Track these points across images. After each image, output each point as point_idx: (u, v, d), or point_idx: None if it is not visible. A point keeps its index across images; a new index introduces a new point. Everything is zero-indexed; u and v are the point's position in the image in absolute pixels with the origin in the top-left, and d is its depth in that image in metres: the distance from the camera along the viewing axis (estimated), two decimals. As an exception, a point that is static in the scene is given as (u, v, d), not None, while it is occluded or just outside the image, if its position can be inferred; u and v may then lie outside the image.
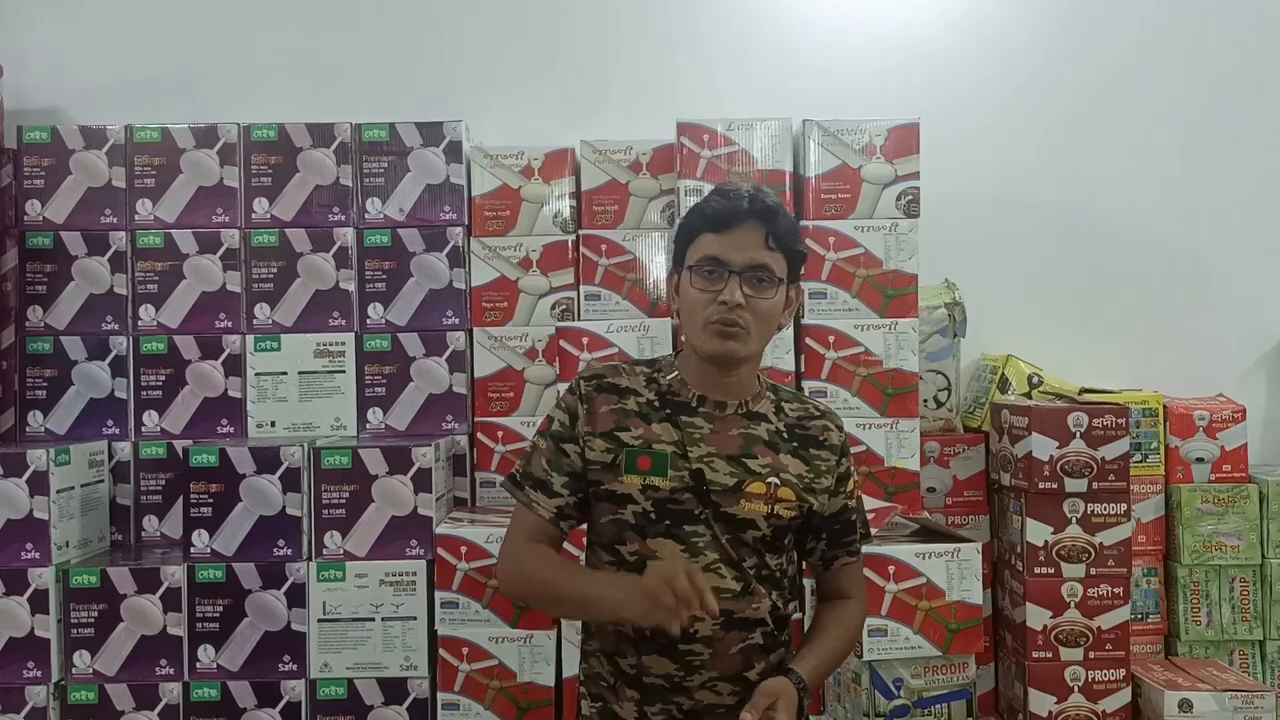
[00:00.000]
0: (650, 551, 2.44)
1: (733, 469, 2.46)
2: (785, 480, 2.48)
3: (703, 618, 2.31)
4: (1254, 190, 4.34)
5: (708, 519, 2.44)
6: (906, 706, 3.22)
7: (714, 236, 2.44)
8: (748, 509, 2.45)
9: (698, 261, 2.45)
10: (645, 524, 2.45)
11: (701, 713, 2.47)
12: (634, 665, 2.47)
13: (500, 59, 4.27)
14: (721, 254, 2.43)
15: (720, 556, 2.44)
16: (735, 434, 2.49)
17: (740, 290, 2.41)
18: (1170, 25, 4.34)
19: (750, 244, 2.43)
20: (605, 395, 2.52)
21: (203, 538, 3.48)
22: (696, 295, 2.44)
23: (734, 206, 2.44)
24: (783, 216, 2.48)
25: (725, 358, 2.46)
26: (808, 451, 2.53)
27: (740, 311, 2.41)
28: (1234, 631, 3.89)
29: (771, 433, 2.52)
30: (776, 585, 2.51)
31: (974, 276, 4.11)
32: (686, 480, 2.44)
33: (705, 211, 2.48)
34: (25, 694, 3.43)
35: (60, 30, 4.24)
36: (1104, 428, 3.56)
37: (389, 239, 3.82)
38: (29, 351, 3.81)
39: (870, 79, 4.26)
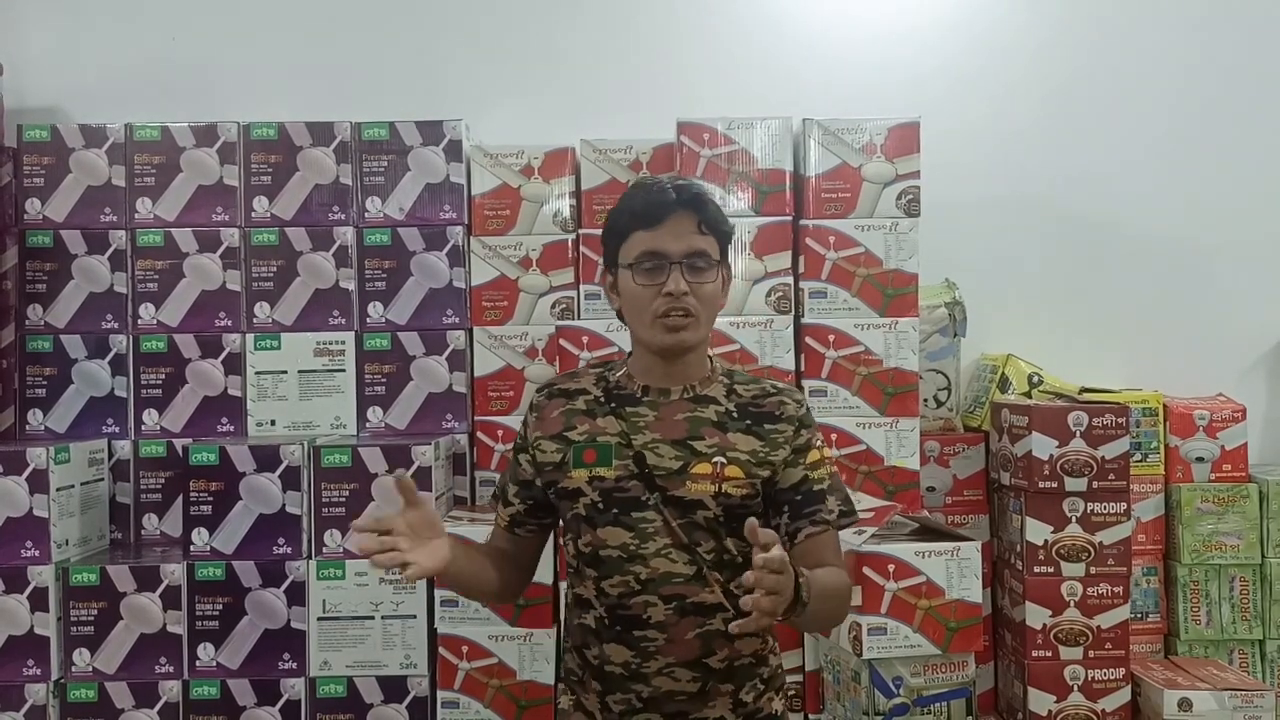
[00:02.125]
0: (601, 541, 2.47)
1: (678, 452, 2.46)
2: (732, 458, 2.46)
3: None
4: (1254, 190, 4.34)
5: (656, 504, 2.45)
6: (906, 705, 3.21)
7: (647, 232, 2.45)
8: (694, 490, 2.44)
9: (637, 258, 2.46)
10: (595, 515, 2.48)
11: (660, 700, 2.46)
12: (597, 656, 2.49)
13: (500, 58, 4.27)
14: (659, 247, 2.44)
15: (672, 541, 2.44)
16: (681, 418, 2.50)
17: (683, 278, 2.43)
18: (1171, 25, 4.34)
19: (684, 232, 2.45)
20: (555, 400, 2.58)
21: (202, 536, 3.48)
22: (640, 291, 2.46)
23: (662, 199, 2.46)
24: (709, 201, 2.51)
25: (678, 348, 2.48)
26: (761, 427, 2.51)
27: (687, 299, 2.44)
28: (1234, 631, 3.89)
29: (720, 413, 2.51)
30: (738, 570, 2.41)
31: (974, 276, 4.11)
32: (630, 467, 2.46)
33: (634, 209, 2.49)
34: (25, 692, 3.44)
35: (60, 29, 4.25)
36: (1104, 427, 3.56)
37: (389, 238, 3.82)
38: (29, 350, 3.81)
39: (871, 78, 4.26)
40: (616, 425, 2.50)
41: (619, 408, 2.52)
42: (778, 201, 3.75)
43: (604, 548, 2.46)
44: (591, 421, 2.52)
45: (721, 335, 3.65)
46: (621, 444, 2.48)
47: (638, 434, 2.48)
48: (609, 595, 2.46)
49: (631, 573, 2.44)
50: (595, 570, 2.47)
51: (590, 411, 2.54)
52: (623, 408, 2.52)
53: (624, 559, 2.44)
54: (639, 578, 2.44)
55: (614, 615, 2.46)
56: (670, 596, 2.43)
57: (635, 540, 2.44)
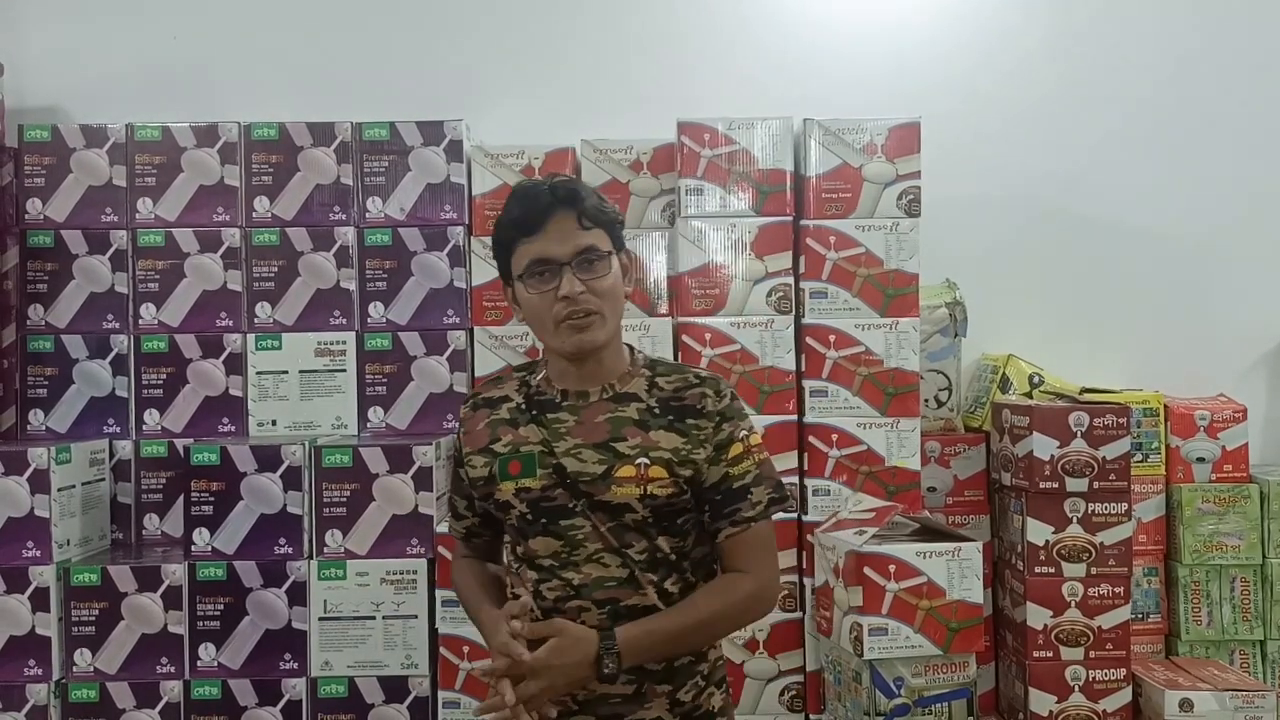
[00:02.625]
0: (534, 551, 2.48)
1: (601, 456, 2.45)
2: (656, 458, 2.44)
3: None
4: (1255, 190, 4.34)
5: (583, 510, 2.44)
6: (907, 705, 3.21)
7: (530, 241, 2.44)
8: (620, 494, 2.43)
9: (526, 268, 2.45)
10: (525, 526, 2.49)
11: (595, 702, 2.46)
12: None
13: (501, 58, 4.27)
14: (545, 252, 2.43)
15: (603, 546, 2.44)
16: (602, 420, 2.48)
17: (576, 279, 2.42)
18: (1172, 24, 4.34)
19: (568, 232, 2.43)
20: (480, 412, 2.59)
21: (203, 536, 3.49)
22: (537, 300, 2.45)
23: (539, 204, 2.44)
24: (587, 194, 2.49)
25: (588, 348, 2.46)
26: (684, 423, 2.48)
27: (585, 298, 2.42)
28: (1235, 631, 3.89)
29: (642, 411, 2.49)
30: (674, 568, 2.49)
31: (975, 276, 4.10)
32: (554, 476, 2.45)
33: (512, 219, 2.47)
34: (26, 692, 3.44)
35: (61, 29, 4.24)
36: (1105, 427, 3.56)
37: (389, 238, 3.81)
38: (30, 350, 3.81)
39: (872, 78, 4.26)
40: (539, 433, 2.49)
41: (540, 415, 2.51)
42: (778, 201, 3.75)
43: (537, 557, 2.48)
44: (514, 431, 2.51)
45: (722, 335, 3.66)
46: (544, 453, 2.47)
47: (559, 441, 2.48)
48: (546, 599, 2.47)
49: (564, 579, 2.45)
50: (534, 574, 2.49)
51: (513, 421, 2.53)
52: (544, 414, 2.51)
53: (557, 566, 2.46)
54: (572, 584, 2.45)
55: (549, 619, 2.45)
56: (604, 601, 2.44)
57: (566, 548, 2.45)
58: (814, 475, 3.66)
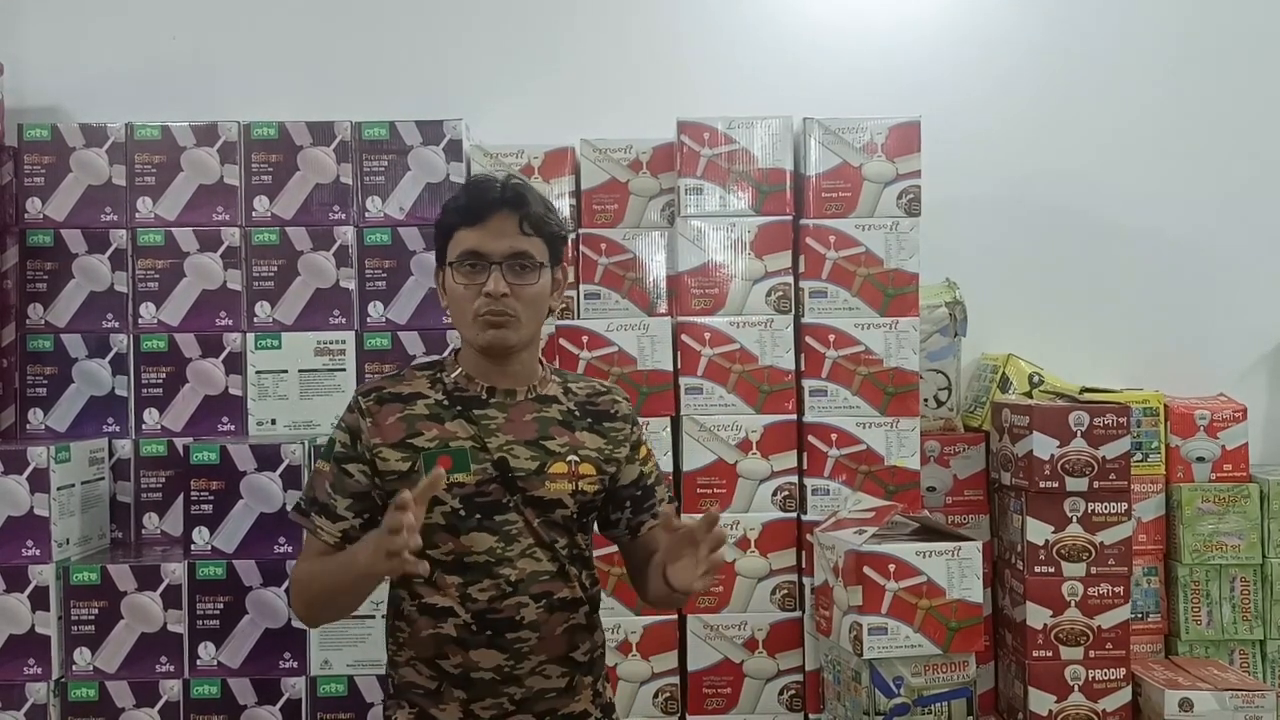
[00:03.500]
0: (466, 547, 2.45)
1: (533, 453, 2.49)
2: (584, 456, 2.53)
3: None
4: (1255, 189, 4.34)
5: (517, 505, 2.46)
6: (907, 705, 3.21)
7: (469, 230, 2.45)
8: (554, 489, 2.49)
9: (458, 257, 2.46)
10: (457, 521, 2.46)
11: (533, 699, 2.48)
12: (459, 664, 2.47)
13: (500, 57, 4.27)
14: (479, 246, 2.44)
15: (534, 540, 2.47)
16: (530, 419, 2.52)
17: (504, 280, 2.43)
18: (1170, 23, 4.34)
19: (506, 232, 2.44)
20: (389, 406, 2.53)
21: (203, 535, 3.48)
22: (461, 291, 2.46)
23: (485, 197, 2.47)
24: (534, 201, 2.49)
25: (498, 347, 2.48)
26: (602, 425, 2.59)
27: (507, 300, 2.43)
28: (1234, 631, 3.89)
29: (564, 412, 2.56)
30: (586, 565, 2.58)
31: (975, 275, 4.10)
32: (490, 471, 2.46)
33: (458, 205, 2.49)
34: (26, 691, 3.43)
35: (60, 28, 4.24)
36: (1105, 427, 3.56)
37: (389, 237, 3.81)
38: (29, 349, 3.80)
39: (872, 77, 4.26)
40: (468, 429, 2.48)
41: (466, 410, 2.50)
42: (778, 201, 3.75)
43: (469, 554, 2.45)
44: (440, 426, 2.49)
45: (721, 335, 3.66)
46: (477, 448, 2.47)
47: (491, 437, 2.48)
48: (476, 601, 2.44)
49: (501, 575, 2.45)
50: (460, 576, 2.45)
51: (435, 416, 2.50)
52: (470, 410, 2.50)
53: (491, 563, 2.44)
54: (509, 580, 2.45)
55: (483, 620, 2.44)
56: (540, 595, 2.46)
57: (500, 543, 2.45)
58: (813, 475, 3.66)
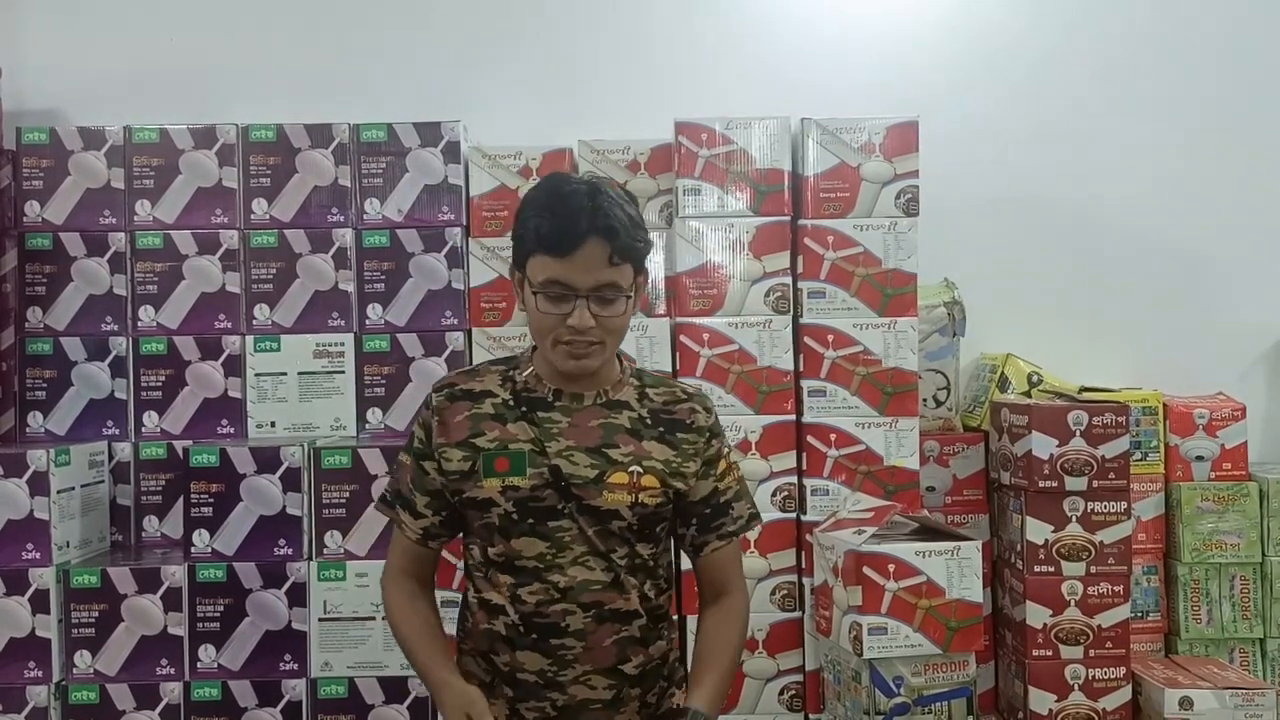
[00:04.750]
0: (516, 551, 2.44)
1: (593, 460, 2.45)
2: (648, 467, 2.47)
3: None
4: (1253, 187, 4.34)
5: (571, 513, 2.43)
6: (907, 704, 3.21)
7: (555, 260, 2.35)
8: (611, 500, 2.44)
9: (542, 284, 2.37)
10: (509, 525, 2.45)
11: (576, 709, 2.47)
12: (508, 662, 2.48)
13: (497, 59, 4.27)
14: (565, 278, 2.35)
15: (588, 549, 2.44)
16: (595, 424, 2.48)
17: (588, 314, 2.37)
18: (1169, 22, 4.34)
19: (594, 264, 2.35)
20: (459, 403, 2.51)
21: (203, 537, 3.49)
22: (543, 318, 2.40)
23: (574, 228, 2.33)
24: (623, 228, 2.36)
25: (579, 374, 2.46)
26: (674, 436, 2.52)
27: (593, 331, 2.39)
28: (1234, 629, 3.89)
29: (634, 420, 2.50)
30: (650, 574, 2.51)
31: (973, 275, 4.11)
32: (546, 477, 2.43)
33: (543, 233, 2.35)
34: (26, 694, 3.44)
35: (58, 31, 4.24)
36: (1104, 426, 3.56)
37: (387, 240, 3.81)
38: (29, 352, 3.80)
39: (869, 77, 4.26)
40: (529, 431, 2.46)
41: (530, 412, 2.48)
42: (776, 201, 3.75)
43: (519, 557, 2.44)
44: (501, 427, 2.47)
45: (720, 335, 3.66)
46: (535, 452, 2.44)
47: (551, 441, 2.45)
48: (525, 603, 2.44)
49: (549, 581, 2.43)
50: (510, 577, 2.45)
51: (499, 416, 2.48)
52: (534, 412, 2.48)
53: (541, 568, 2.43)
54: (557, 586, 2.43)
55: (529, 623, 2.44)
56: (589, 604, 2.43)
57: (552, 549, 2.43)
58: (813, 475, 3.66)
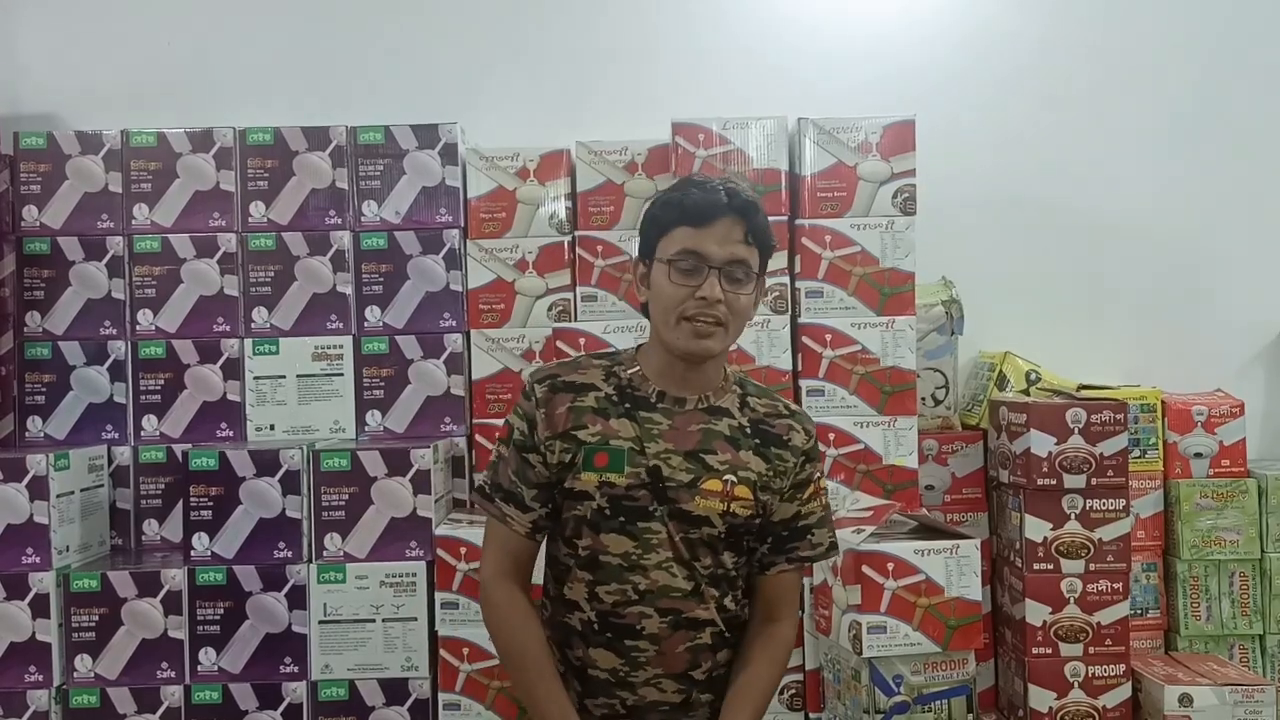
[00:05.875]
0: (603, 546, 2.44)
1: (690, 465, 2.44)
2: (743, 478, 2.46)
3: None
4: (1251, 185, 4.35)
5: (662, 516, 2.43)
6: (906, 703, 3.21)
7: (692, 230, 2.40)
8: (703, 506, 2.43)
9: (676, 255, 2.41)
10: (600, 520, 2.44)
11: (645, 709, 2.48)
12: (580, 657, 2.49)
13: (495, 60, 4.27)
14: (701, 248, 2.39)
15: (673, 555, 2.44)
16: (695, 429, 2.47)
17: (720, 286, 2.39)
18: (1165, 21, 4.35)
19: (730, 239, 2.40)
20: (561, 395, 2.49)
21: (203, 541, 3.49)
22: (673, 290, 2.41)
23: (713, 200, 2.41)
24: (760, 211, 2.46)
25: (700, 355, 2.44)
26: (769, 450, 2.51)
27: (719, 307, 2.39)
28: (1234, 626, 3.89)
29: (734, 428, 2.50)
30: (731, 585, 2.51)
31: (971, 274, 4.11)
32: (642, 477, 2.42)
33: (684, 204, 2.42)
34: (27, 698, 3.44)
35: (55, 36, 4.25)
36: (1102, 424, 3.56)
37: (385, 242, 3.82)
38: (27, 357, 3.81)
39: (866, 76, 4.27)
40: (630, 429, 2.45)
41: (633, 410, 2.47)
42: (773, 201, 3.74)
43: (604, 553, 2.44)
44: (604, 422, 2.46)
45: (718, 335, 3.66)
46: (635, 450, 2.43)
47: (651, 442, 2.44)
48: (602, 601, 2.44)
49: (630, 582, 2.43)
50: (590, 574, 2.45)
51: (603, 410, 2.47)
52: (637, 410, 2.47)
53: (624, 568, 2.43)
54: (637, 588, 2.43)
55: (605, 621, 2.44)
56: (666, 610, 2.43)
57: (638, 550, 2.42)
58: (812, 474, 3.66)
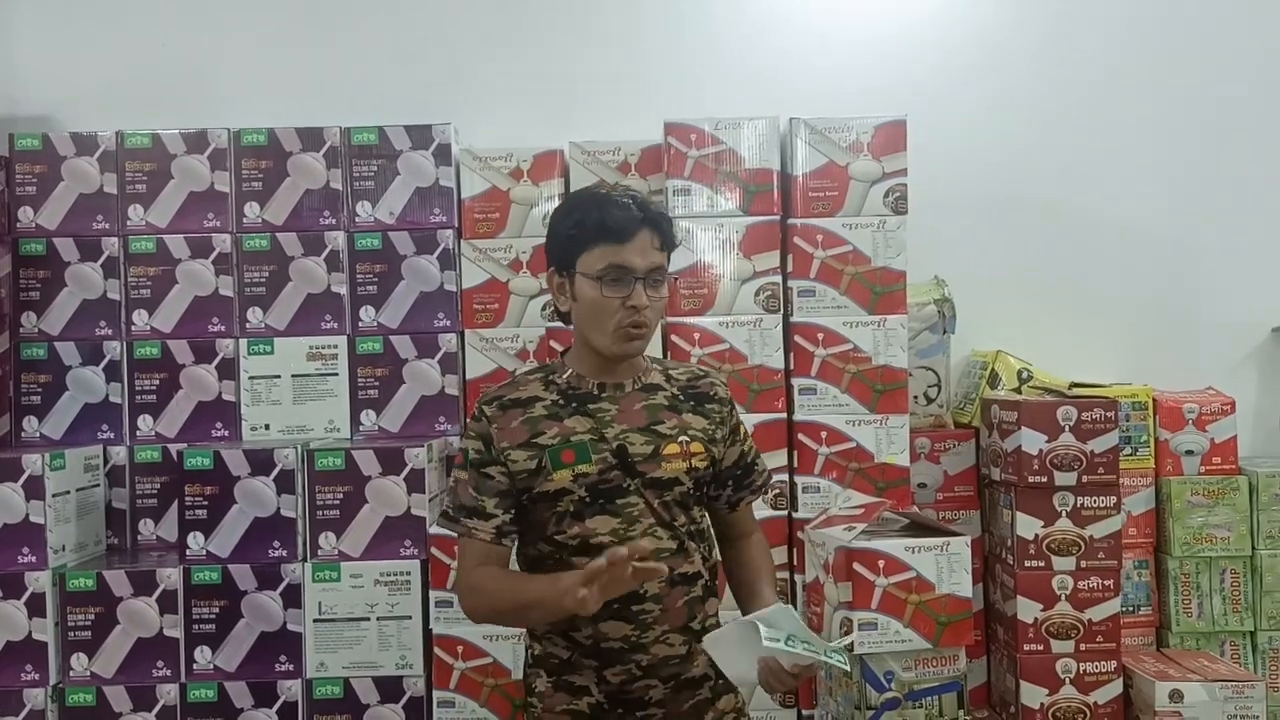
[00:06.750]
0: (590, 530, 2.61)
1: (647, 437, 2.65)
2: (693, 436, 2.69)
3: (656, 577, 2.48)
4: (1241, 184, 4.36)
5: (637, 488, 2.62)
6: (897, 699, 3.23)
7: (615, 246, 2.59)
8: (670, 469, 2.64)
9: (603, 270, 2.58)
10: (581, 508, 2.62)
11: (658, 665, 2.63)
12: (590, 636, 2.62)
13: (488, 61, 4.29)
14: (626, 261, 2.58)
15: (655, 520, 2.63)
16: (639, 407, 2.68)
17: (644, 294, 2.59)
18: (1155, 19, 4.36)
19: (649, 249, 2.62)
20: (510, 411, 2.66)
21: (198, 540, 3.51)
22: (605, 302, 2.60)
23: (630, 215, 2.60)
24: (666, 220, 2.67)
25: (633, 355, 2.67)
26: (704, 407, 2.74)
27: (646, 312, 2.60)
28: (1225, 623, 3.90)
29: (669, 397, 2.72)
30: (703, 539, 2.74)
31: (964, 273, 4.12)
32: (609, 459, 2.61)
33: (605, 223, 2.60)
34: (24, 697, 3.46)
35: (51, 37, 4.26)
36: (1093, 421, 3.57)
37: (379, 242, 3.84)
38: (23, 357, 3.83)
39: (858, 77, 4.28)
40: (585, 423, 2.64)
41: (581, 406, 2.66)
42: (765, 201, 3.77)
43: (594, 536, 2.60)
44: (559, 424, 2.64)
45: (711, 334, 3.68)
46: (595, 439, 2.62)
47: (607, 427, 2.64)
48: None
49: None
50: (586, 557, 2.53)
51: (554, 415, 2.65)
52: (585, 405, 2.66)
53: (615, 543, 2.55)
54: None
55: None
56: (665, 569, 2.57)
57: (623, 525, 2.60)
58: (804, 472, 3.68)
